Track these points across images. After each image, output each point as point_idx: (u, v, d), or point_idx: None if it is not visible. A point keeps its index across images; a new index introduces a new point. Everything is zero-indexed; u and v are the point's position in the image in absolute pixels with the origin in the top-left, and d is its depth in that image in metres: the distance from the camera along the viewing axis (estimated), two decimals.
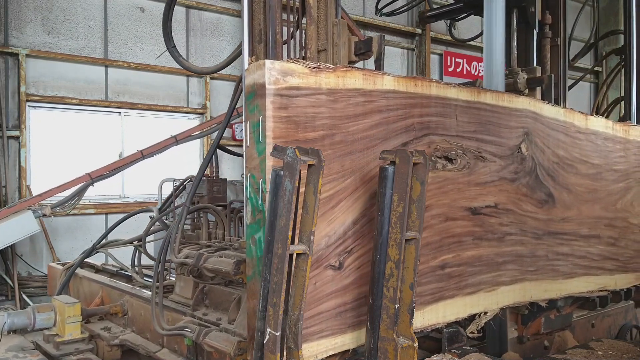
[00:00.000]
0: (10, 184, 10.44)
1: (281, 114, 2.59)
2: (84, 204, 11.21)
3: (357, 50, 3.36)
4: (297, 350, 2.28)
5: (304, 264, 2.26)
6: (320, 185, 2.28)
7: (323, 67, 2.74)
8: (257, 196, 2.61)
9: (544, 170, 3.65)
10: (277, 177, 2.28)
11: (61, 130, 11.20)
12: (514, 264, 3.50)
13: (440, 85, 3.15)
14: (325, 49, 3.21)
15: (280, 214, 2.21)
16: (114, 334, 4.08)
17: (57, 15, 10.99)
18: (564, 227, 3.79)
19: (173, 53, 3.78)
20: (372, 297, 2.55)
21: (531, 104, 3.56)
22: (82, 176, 6.92)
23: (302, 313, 2.29)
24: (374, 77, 2.91)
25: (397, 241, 2.49)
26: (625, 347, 3.92)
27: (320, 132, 2.72)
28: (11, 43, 10.48)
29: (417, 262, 2.55)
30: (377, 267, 2.54)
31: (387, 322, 2.48)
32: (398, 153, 2.54)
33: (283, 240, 2.18)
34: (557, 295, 3.77)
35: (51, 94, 10.94)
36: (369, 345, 2.57)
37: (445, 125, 3.18)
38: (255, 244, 2.63)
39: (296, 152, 2.22)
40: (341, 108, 2.79)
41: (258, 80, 2.58)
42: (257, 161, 2.60)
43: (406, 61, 17.07)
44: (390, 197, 2.52)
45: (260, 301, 2.29)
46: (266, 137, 2.57)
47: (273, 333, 2.21)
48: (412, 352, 2.49)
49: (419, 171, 2.53)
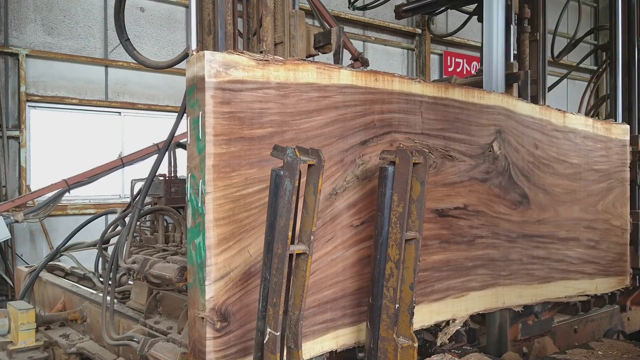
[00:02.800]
0: (10, 183, 10.28)
1: (223, 110, 2.33)
2: (84, 204, 11.04)
3: (317, 42, 3.09)
4: (297, 350, 2.22)
5: (304, 264, 2.20)
6: (320, 185, 2.20)
7: (272, 60, 2.47)
8: (197, 198, 2.35)
9: (518, 170, 3.36)
10: (277, 177, 2.19)
11: (61, 130, 11.02)
12: (486, 269, 3.22)
13: (403, 80, 2.88)
14: (282, 42, 2.95)
15: (280, 214, 2.14)
16: (71, 342, 3.80)
17: (57, 15, 10.81)
18: (539, 230, 3.50)
19: (127, 46, 3.52)
20: (372, 297, 2.50)
21: (504, 100, 3.28)
22: (58, 182, 6.70)
23: (302, 313, 2.23)
24: (329, 70, 2.64)
25: (397, 241, 2.42)
26: (625, 347, 3.81)
27: (268, 129, 2.46)
28: (11, 43, 10.31)
29: (417, 262, 2.47)
30: (377, 267, 2.48)
31: (387, 322, 2.43)
32: (398, 153, 2.45)
33: (283, 240, 2.12)
34: (532, 300, 3.48)
35: (51, 94, 10.78)
36: (369, 345, 2.50)
37: (410, 123, 2.91)
38: (195, 250, 2.36)
39: (296, 152, 2.12)
40: (292, 104, 2.53)
41: (198, 73, 2.33)
42: (197, 160, 2.34)
43: (406, 61, 16.81)
44: (390, 197, 2.44)
45: (260, 301, 2.21)
46: (205, 135, 2.31)
47: (273, 333, 2.14)
48: (412, 352, 2.42)
49: (419, 171, 2.45)
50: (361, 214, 2.73)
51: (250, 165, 2.42)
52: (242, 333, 2.40)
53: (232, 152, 2.36)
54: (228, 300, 2.36)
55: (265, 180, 2.48)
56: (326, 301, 2.66)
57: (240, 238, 2.39)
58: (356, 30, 15.18)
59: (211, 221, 2.31)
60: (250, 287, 2.43)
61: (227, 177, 2.35)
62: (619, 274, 4.12)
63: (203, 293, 2.31)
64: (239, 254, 2.39)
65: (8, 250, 9.84)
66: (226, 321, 2.35)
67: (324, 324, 2.65)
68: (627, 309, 4.63)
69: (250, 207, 2.42)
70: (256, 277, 2.45)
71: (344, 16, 14.46)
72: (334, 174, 2.68)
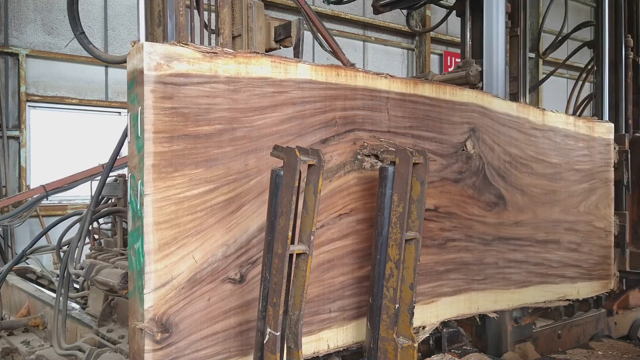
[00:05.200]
0: (10, 183, 10.11)
1: (165, 105, 2.11)
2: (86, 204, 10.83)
3: (277, 35, 2.86)
4: (297, 350, 2.17)
5: (304, 264, 2.15)
6: (321, 185, 2.14)
7: (220, 52, 2.24)
8: (136, 200, 2.12)
9: (493, 170, 3.11)
10: (277, 177, 2.13)
11: (61, 130, 10.83)
12: (458, 273, 2.98)
13: (368, 75, 2.64)
14: (240, 35, 2.72)
15: (280, 214, 2.09)
16: (31, 349, 3.55)
17: (57, 15, 10.62)
18: (516, 232, 3.25)
19: (81, 40, 3.31)
20: (372, 297, 2.44)
21: (478, 97, 3.03)
22: (36, 188, 6.50)
23: (302, 313, 2.17)
24: (285, 64, 2.41)
25: (397, 241, 2.36)
26: (625, 347, 3.75)
27: (216, 126, 2.24)
28: (11, 43, 10.13)
29: (417, 262, 2.42)
30: (377, 267, 2.42)
31: (387, 322, 2.38)
32: (398, 153, 2.38)
33: (283, 240, 2.07)
34: (509, 306, 3.23)
35: (51, 94, 10.59)
36: (369, 345, 2.44)
37: (375, 120, 2.67)
38: (135, 255, 2.13)
39: (296, 152, 2.06)
40: (244, 99, 2.30)
41: (137, 66, 2.09)
42: (136, 159, 2.12)
43: (406, 61, 16.52)
44: (390, 197, 2.39)
45: (260, 301, 2.15)
46: (145, 132, 2.08)
47: (273, 333, 2.09)
48: (412, 352, 2.38)
49: (419, 171, 2.40)
50: (320, 217, 2.50)
51: (195, 165, 2.19)
52: (185, 345, 2.17)
53: (174, 150, 2.14)
54: (170, 310, 2.13)
55: (213, 181, 2.26)
56: None
57: (184, 243, 2.17)
58: (356, 30, 14.90)
59: (150, 225, 2.09)
60: (196, 295, 2.20)
61: (168, 177, 2.13)
62: (603, 278, 3.86)
63: (142, 302, 2.08)
64: (182, 260, 2.17)
65: (8, 250, 9.65)
66: (167, 332, 2.12)
67: None
68: (613, 313, 4.36)
69: (196, 209, 2.19)
70: (203, 284, 2.22)
71: (344, 16, 14.21)
72: None
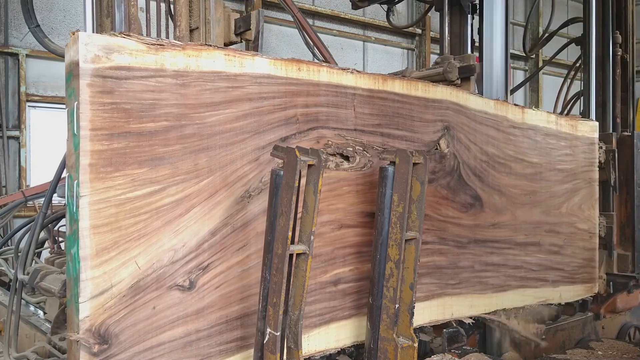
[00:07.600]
0: (10, 183, 9.93)
1: (104, 100, 1.90)
2: None
3: (237, 28, 2.65)
4: (297, 350, 2.11)
5: (304, 264, 2.10)
6: (321, 185, 2.07)
7: (167, 44, 2.04)
8: (73, 201, 1.92)
9: (469, 170, 2.89)
10: (277, 177, 2.07)
11: (61, 130, 10.63)
12: (431, 277, 2.76)
13: (332, 70, 2.43)
14: (197, 27, 2.52)
15: (280, 213, 2.05)
16: None
17: (57, 15, 10.43)
18: (494, 234, 3.03)
19: (36, 34, 3.11)
20: (372, 297, 2.38)
21: (453, 94, 2.81)
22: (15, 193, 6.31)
23: (302, 313, 2.11)
24: (241, 58, 2.20)
25: (397, 241, 2.31)
26: (625, 347, 3.70)
27: (163, 123, 2.03)
28: (11, 43, 9.95)
29: (417, 262, 2.37)
30: (377, 267, 2.36)
31: (387, 322, 2.33)
32: (398, 153, 2.31)
33: (283, 240, 2.03)
34: (485, 311, 3.01)
35: (51, 94, 10.40)
36: (369, 345, 2.38)
37: (340, 118, 2.46)
38: (72, 261, 1.93)
39: (296, 152, 2.00)
40: (194, 94, 2.10)
41: (74, 58, 1.89)
42: (73, 158, 1.91)
43: (406, 61, 16.25)
44: (390, 197, 2.32)
45: (260, 301, 2.10)
46: (81, 129, 1.87)
47: (273, 333, 2.04)
48: (412, 352, 2.32)
49: (419, 171, 2.34)
50: None
51: (139, 165, 1.99)
52: (127, 357, 1.96)
53: (115, 149, 1.93)
54: (109, 320, 1.92)
55: (159, 182, 2.05)
56: (236, 317, 2.22)
57: (125, 248, 1.96)
58: (356, 30, 14.63)
59: (87, 229, 1.88)
60: (139, 304, 2.00)
61: (108, 177, 1.92)
62: (587, 281, 3.62)
63: (77, 311, 1.88)
64: (124, 266, 1.96)
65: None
66: (106, 344, 1.91)
67: (232, 343, 2.21)
68: (601, 317, 4.12)
69: (139, 212, 1.98)
70: (147, 292, 2.02)
71: (344, 16, 13.94)
72: (248, 174, 2.24)
